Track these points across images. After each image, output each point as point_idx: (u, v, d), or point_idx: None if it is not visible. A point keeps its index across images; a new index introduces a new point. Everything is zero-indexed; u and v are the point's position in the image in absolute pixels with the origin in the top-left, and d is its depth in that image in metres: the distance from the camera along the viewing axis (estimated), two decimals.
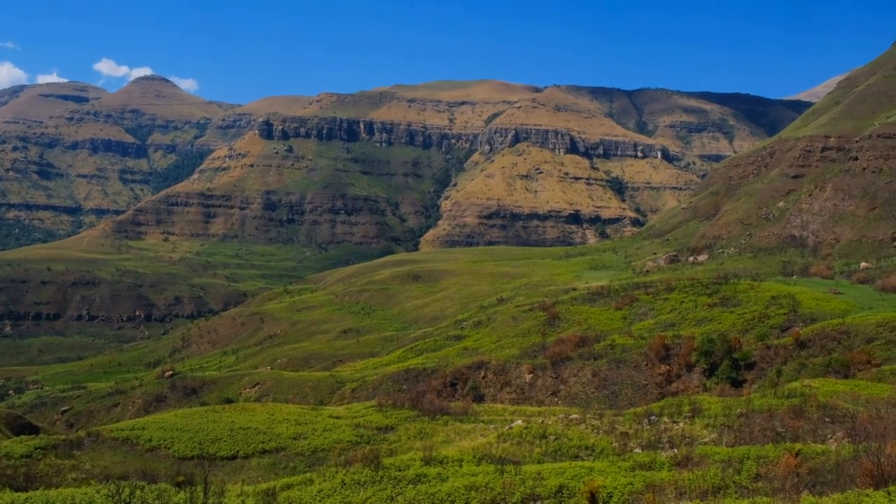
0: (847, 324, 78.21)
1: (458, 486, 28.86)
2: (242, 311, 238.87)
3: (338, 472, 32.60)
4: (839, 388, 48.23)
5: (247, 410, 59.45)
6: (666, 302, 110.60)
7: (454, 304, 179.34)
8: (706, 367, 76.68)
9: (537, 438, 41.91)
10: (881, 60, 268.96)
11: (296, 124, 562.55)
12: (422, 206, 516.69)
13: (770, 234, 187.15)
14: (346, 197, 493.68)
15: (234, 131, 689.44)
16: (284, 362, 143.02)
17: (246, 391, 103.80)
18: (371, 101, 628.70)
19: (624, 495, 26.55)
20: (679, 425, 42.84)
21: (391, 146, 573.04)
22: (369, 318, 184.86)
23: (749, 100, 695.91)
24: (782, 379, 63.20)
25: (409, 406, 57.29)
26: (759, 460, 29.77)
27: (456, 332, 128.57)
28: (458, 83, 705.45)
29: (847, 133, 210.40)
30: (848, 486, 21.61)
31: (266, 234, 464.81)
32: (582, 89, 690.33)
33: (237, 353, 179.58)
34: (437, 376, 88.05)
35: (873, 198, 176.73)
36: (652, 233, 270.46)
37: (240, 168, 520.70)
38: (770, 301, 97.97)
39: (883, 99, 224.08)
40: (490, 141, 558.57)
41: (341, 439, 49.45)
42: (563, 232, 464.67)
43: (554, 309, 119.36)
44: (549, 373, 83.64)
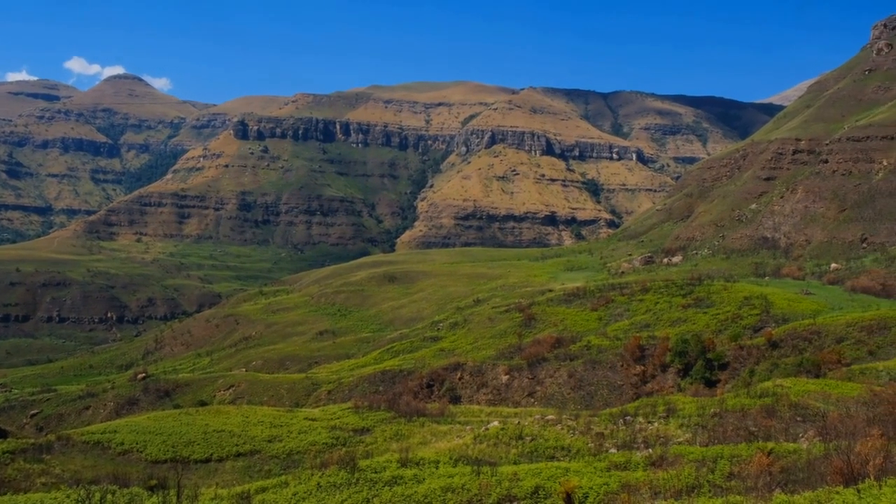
0: (818, 324, 79.41)
1: (435, 487, 28.79)
2: (217, 312, 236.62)
3: (313, 475, 32.36)
4: (810, 388, 48.89)
5: (221, 413, 58.88)
6: (641, 303, 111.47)
7: (431, 305, 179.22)
8: (680, 368, 77.39)
9: (513, 439, 41.96)
10: (850, 65, 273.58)
11: (271, 124, 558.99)
12: (398, 208, 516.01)
13: (743, 236, 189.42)
14: (322, 198, 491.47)
15: (208, 131, 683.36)
16: (259, 364, 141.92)
17: (220, 393, 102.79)
18: (347, 101, 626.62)
19: (599, 495, 26.64)
20: (654, 425, 43.14)
21: (367, 147, 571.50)
22: (345, 320, 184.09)
23: (722, 103, 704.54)
24: (755, 379, 63.93)
25: (386, 408, 57.11)
26: (732, 459, 30.05)
27: (432, 334, 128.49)
28: (434, 84, 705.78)
29: (817, 136, 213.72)
30: (819, 484, 21.87)
31: (241, 235, 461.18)
32: (558, 91, 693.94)
33: (211, 355, 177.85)
34: (413, 378, 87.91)
35: (843, 200, 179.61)
36: (627, 234, 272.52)
37: (214, 168, 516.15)
38: (743, 302, 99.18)
39: (852, 102, 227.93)
40: (466, 142, 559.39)
41: (317, 441, 49.15)
42: (540, 233, 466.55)
43: (530, 310, 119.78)
44: (525, 374, 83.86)
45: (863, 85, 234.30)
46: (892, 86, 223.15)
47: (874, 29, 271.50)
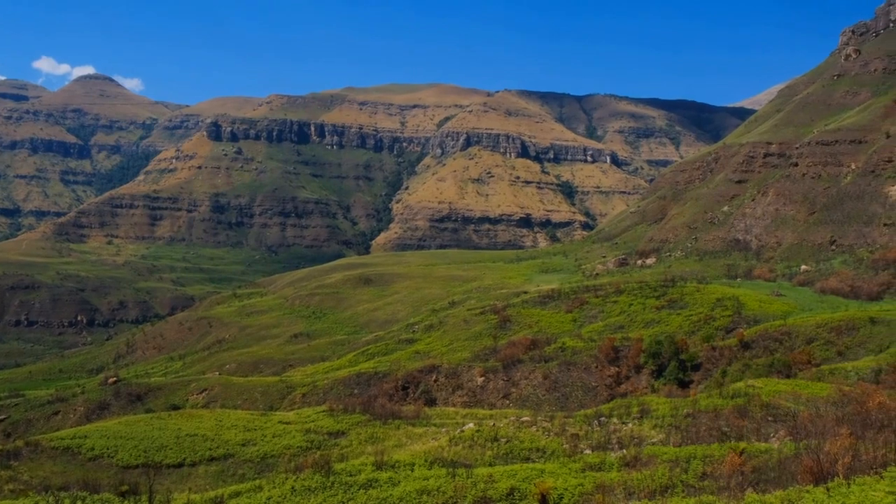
0: (788, 325, 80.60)
1: (410, 490, 28.72)
2: (190, 315, 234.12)
3: (288, 479, 32.12)
4: (781, 388, 49.55)
5: (194, 417, 58.23)
6: (615, 304, 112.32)
7: (406, 307, 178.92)
8: (654, 369, 78.08)
9: (489, 441, 42.00)
10: (820, 70, 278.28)
11: (245, 126, 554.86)
12: (373, 210, 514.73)
13: (715, 238, 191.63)
14: (297, 200, 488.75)
15: (181, 132, 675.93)
16: (233, 367, 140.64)
17: (193, 397, 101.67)
18: (322, 103, 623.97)
19: (574, 496, 26.75)
20: (628, 426, 43.43)
21: (342, 149, 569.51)
22: (320, 322, 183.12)
23: (694, 106, 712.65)
24: (727, 379, 64.66)
25: (361, 410, 56.86)
26: (705, 459, 30.34)
27: (408, 336, 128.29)
28: (409, 86, 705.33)
29: (788, 140, 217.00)
30: (790, 483, 22.13)
31: (214, 238, 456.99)
32: (533, 94, 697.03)
33: (184, 359, 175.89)
34: (388, 380, 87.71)
35: (813, 203, 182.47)
36: (601, 236, 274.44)
37: (187, 170, 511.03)
38: (715, 303, 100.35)
39: (821, 107, 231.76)
40: (442, 144, 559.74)
41: (291, 445, 48.80)
42: (515, 235, 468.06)
43: (505, 312, 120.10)
44: (500, 376, 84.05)
45: (831, 90, 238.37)
46: (860, 91, 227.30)
47: (842, 35, 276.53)
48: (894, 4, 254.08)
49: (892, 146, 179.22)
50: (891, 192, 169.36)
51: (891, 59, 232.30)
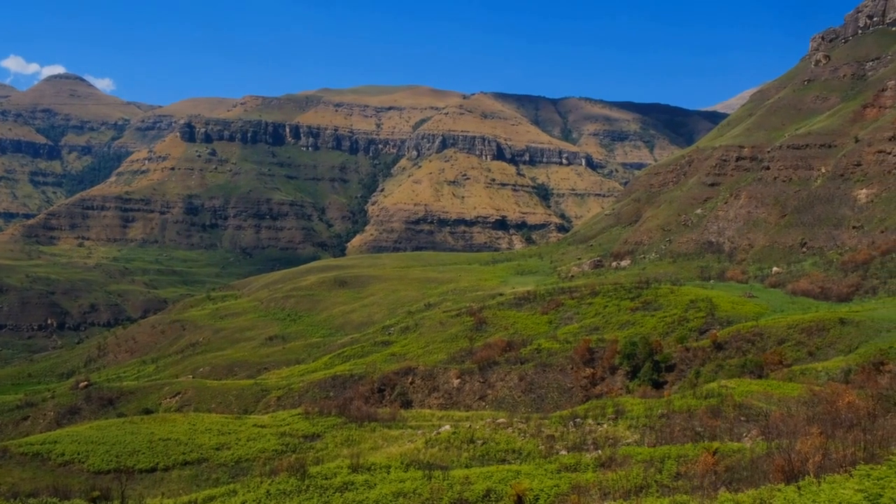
0: (760, 326, 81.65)
1: (386, 492, 28.65)
2: (163, 318, 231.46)
3: (262, 483, 31.89)
4: (754, 388, 50.16)
5: (167, 421, 57.56)
6: (590, 306, 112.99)
7: (382, 309, 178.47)
8: (629, 370, 78.65)
9: (465, 443, 42.02)
10: (791, 74, 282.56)
11: (219, 127, 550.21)
12: (349, 212, 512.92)
13: (689, 240, 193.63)
14: (272, 202, 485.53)
15: (154, 133, 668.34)
16: (207, 371, 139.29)
17: (166, 401, 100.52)
18: (297, 104, 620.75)
19: (550, 497, 26.85)
20: (603, 427, 43.68)
21: (318, 151, 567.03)
22: (295, 325, 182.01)
23: (668, 110, 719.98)
24: (701, 380, 65.34)
25: (336, 413, 56.59)
26: (679, 459, 30.61)
27: (383, 338, 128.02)
28: (385, 88, 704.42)
29: (760, 143, 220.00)
30: (762, 482, 22.39)
31: (188, 240, 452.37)
32: (508, 97, 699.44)
33: (157, 362, 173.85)
34: (364, 382, 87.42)
35: (784, 206, 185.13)
36: (576, 238, 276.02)
37: (160, 171, 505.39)
38: (689, 305, 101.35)
39: (792, 111, 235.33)
40: (417, 147, 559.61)
41: (266, 448, 48.43)
42: (490, 237, 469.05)
43: (481, 314, 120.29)
44: (476, 377, 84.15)
45: (802, 95, 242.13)
46: (830, 96, 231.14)
47: (812, 41, 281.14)
48: (862, 12, 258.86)
49: (860, 150, 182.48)
50: (859, 196, 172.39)
51: (859, 65, 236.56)
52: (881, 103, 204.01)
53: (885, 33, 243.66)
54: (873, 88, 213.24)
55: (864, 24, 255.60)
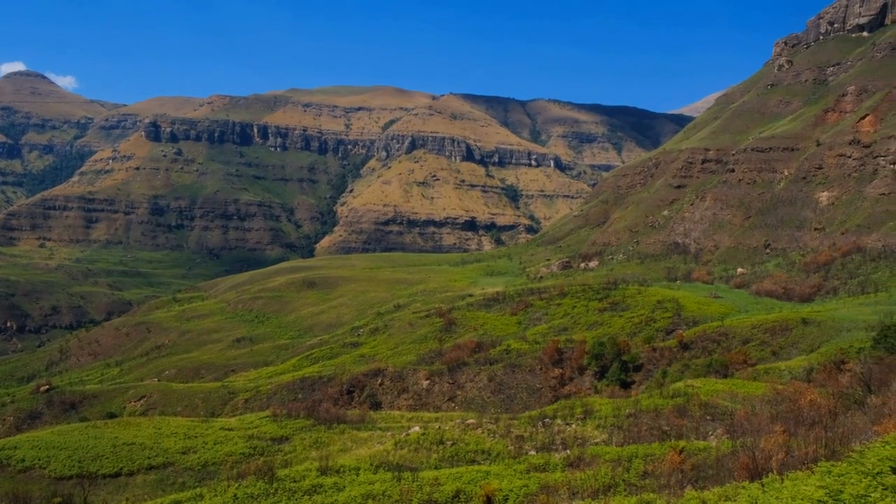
0: (725, 326, 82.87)
1: (355, 495, 28.51)
2: (127, 320, 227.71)
3: (230, 486, 31.53)
4: (719, 388, 50.86)
5: (131, 425, 56.62)
6: (559, 307, 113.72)
7: (351, 310, 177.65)
8: (597, 370, 79.29)
9: (434, 444, 41.99)
10: (755, 79, 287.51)
11: (185, 126, 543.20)
12: (318, 213, 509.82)
13: (656, 241, 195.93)
14: (239, 202, 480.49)
15: (118, 132, 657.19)
16: (173, 373, 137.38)
17: (131, 405, 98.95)
18: (265, 104, 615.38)
19: (519, 497, 26.94)
20: (572, 427, 43.95)
21: (286, 151, 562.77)
22: (263, 327, 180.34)
23: (635, 113, 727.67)
24: (667, 379, 66.09)
25: (305, 415, 56.19)
26: (646, 458, 30.92)
27: (352, 340, 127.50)
28: (354, 89, 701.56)
29: (725, 146, 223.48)
30: (727, 480, 22.69)
31: (153, 241, 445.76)
32: (478, 98, 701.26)
33: (121, 365, 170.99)
34: (333, 384, 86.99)
35: (748, 208, 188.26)
36: (545, 240, 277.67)
37: (125, 171, 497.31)
38: (656, 305, 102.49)
39: (756, 115, 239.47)
40: (387, 147, 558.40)
41: (233, 452, 47.89)
42: (460, 238, 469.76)
43: (450, 315, 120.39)
44: (445, 378, 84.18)
45: (766, 99, 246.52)
46: (792, 100, 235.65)
47: (776, 46, 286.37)
48: (824, 18, 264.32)
49: (822, 154, 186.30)
50: (821, 198, 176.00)
51: (821, 70, 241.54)
52: (842, 108, 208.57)
53: (845, 39, 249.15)
54: (834, 93, 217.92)
55: (826, 31, 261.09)
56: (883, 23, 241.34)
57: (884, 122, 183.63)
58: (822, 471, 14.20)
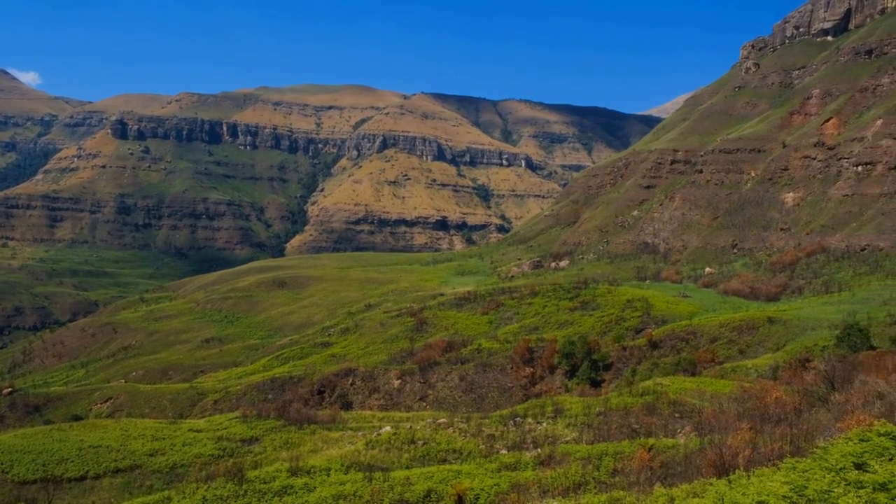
0: (694, 325, 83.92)
1: (326, 495, 28.37)
2: (93, 321, 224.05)
3: (198, 489, 31.17)
4: (687, 386, 51.49)
5: (97, 427, 55.68)
6: (530, 306, 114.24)
7: (321, 310, 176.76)
8: (568, 369, 79.79)
9: (406, 444, 41.94)
10: (723, 81, 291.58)
11: (153, 124, 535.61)
12: (288, 212, 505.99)
13: (625, 241, 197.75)
14: (208, 201, 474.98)
15: (83, 130, 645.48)
16: (140, 375, 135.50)
17: (97, 407, 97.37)
18: (235, 102, 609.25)
19: (490, 496, 27.01)
20: (543, 425, 44.18)
21: (256, 150, 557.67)
22: (233, 327, 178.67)
23: (606, 113, 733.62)
24: (637, 378, 66.70)
25: (275, 416, 55.74)
26: (616, 456, 31.19)
27: (323, 339, 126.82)
28: (325, 87, 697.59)
29: (693, 147, 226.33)
30: (695, 477, 22.96)
31: (120, 240, 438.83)
32: (449, 98, 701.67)
33: (87, 367, 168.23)
34: (303, 384, 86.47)
35: (716, 208, 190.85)
36: (516, 239, 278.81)
37: (90, 169, 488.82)
38: (626, 304, 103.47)
39: (724, 117, 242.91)
40: (358, 146, 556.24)
41: (202, 453, 47.34)
42: (431, 238, 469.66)
43: (421, 314, 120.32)
44: (417, 378, 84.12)
45: (733, 101, 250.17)
46: (759, 102, 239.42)
47: (743, 49, 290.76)
48: (789, 22, 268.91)
49: (787, 155, 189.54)
50: (787, 199, 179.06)
51: (786, 73, 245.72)
52: (807, 110, 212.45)
53: (810, 43, 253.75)
54: (800, 96, 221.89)
55: (792, 35, 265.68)
56: (847, 28, 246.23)
57: (847, 124, 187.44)
58: (787, 467, 14.45)
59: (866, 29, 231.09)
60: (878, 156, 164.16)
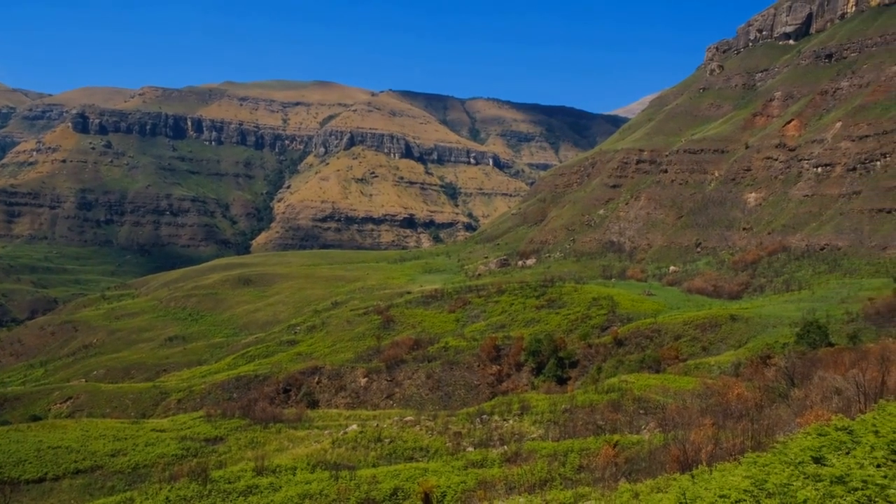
0: (658, 323, 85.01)
1: (292, 494, 28.18)
2: (52, 319, 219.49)
3: (161, 489, 30.75)
4: (652, 382, 52.15)
5: (57, 428, 54.58)
6: (497, 304, 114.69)
7: (287, 308, 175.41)
8: (534, 366, 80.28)
9: (372, 442, 41.84)
10: (687, 82, 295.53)
11: (115, 118, 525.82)
12: (254, 209, 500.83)
13: (592, 240, 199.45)
14: (172, 197, 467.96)
15: (43, 123, 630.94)
16: (102, 374, 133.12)
17: (56, 407, 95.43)
18: (199, 97, 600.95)
19: (457, 493, 27.07)
20: (509, 423, 44.39)
21: (221, 145, 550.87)
22: (197, 325, 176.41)
23: (573, 113, 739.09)
24: (602, 375, 67.39)
25: (240, 415, 55.20)
26: (581, 453, 31.47)
27: (289, 337, 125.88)
28: (292, 83, 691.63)
29: (658, 147, 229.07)
30: (659, 472, 23.25)
31: (81, 236, 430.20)
32: (417, 95, 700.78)
33: (46, 366, 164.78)
34: (269, 383, 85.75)
35: (680, 207, 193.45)
36: (484, 237, 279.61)
37: (50, 163, 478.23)
38: (592, 302, 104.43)
39: (688, 118, 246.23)
40: (325, 143, 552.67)
41: (165, 454, 46.69)
42: (398, 236, 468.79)
43: (388, 312, 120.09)
44: (383, 376, 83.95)
45: (698, 102, 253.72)
46: (723, 104, 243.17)
47: (708, 51, 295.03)
48: (753, 25, 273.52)
49: (750, 156, 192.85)
50: (749, 199, 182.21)
51: (750, 75, 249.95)
52: (769, 112, 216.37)
53: (772, 47, 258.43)
54: (762, 98, 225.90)
55: (755, 37, 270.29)
56: (808, 32, 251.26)
57: (808, 126, 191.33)
58: (748, 462, 14.70)
59: (826, 33, 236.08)
60: (837, 157, 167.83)
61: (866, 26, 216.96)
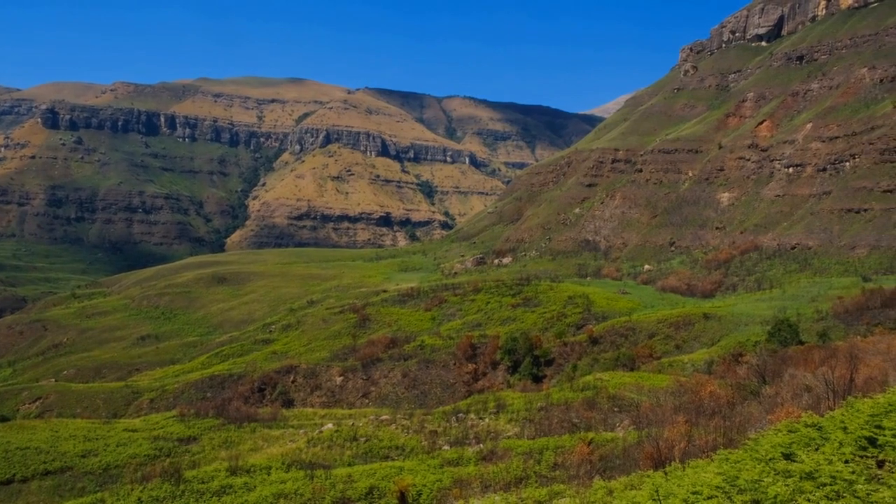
0: (633, 321, 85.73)
1: (266, 494, 28.00)
2: (21, 318, 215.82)
3: (133, 490, 30.39)
4: (626, 380, 52.56)
5: (25, 428, 53.70)
6: (473, 303, 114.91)
7: (262, 306, 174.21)
8: (510, 365, 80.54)
9: (348, 441, 41.70)
10: (662, 83, 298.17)
11: (86, 114, 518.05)
12: (228, 206, 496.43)
13: (567, 239, 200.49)
14: (145, 194, 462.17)
15: (11, 118, 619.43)
16: (72, 373, 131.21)
17: (25, 407, 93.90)
18: (173, 93, 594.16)
19: (433, 492, 27.08)
20: (485, 421, 44.48)
21: (195, 142, 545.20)
22: (170, 324, 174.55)
23: (549, 112, 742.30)
24: (577, 373, 67.78)
25: (214, 414, 54.72)
26: (556, 450, 31.63)
27: (264, 336, 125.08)
28: (267, 80, 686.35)
29: (633, 147, 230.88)
30: (633, 469, 23.46)
31: (50, 234, 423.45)
32: (394, 93, 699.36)
33: (14, 366, 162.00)
34: (244, 382, 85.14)
35: (655, 207, 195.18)
36: (460, 236, 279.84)
37: (18, 159, 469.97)
38: (567, 301, 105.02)
39: (663, 118, 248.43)
40: (301, 141, 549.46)
41: (138, 454, 46.14)
42: (374, 234, 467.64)
43: (364, 311, 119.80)
44: (359, 375, 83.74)
45: (672, 102, 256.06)
46: (697, 104, 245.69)
47: (682, 52, 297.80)
48: (726, 27, 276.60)
49: (723, 156, 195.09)
50: (722, 199, 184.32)
51: (723, 76, 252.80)
52: (742, 113, 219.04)
53: (745, 48, 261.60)
54: (735, 99, 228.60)
55: (728, 39, 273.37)
56: (780, 34, 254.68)
57: (779, 127, 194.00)
58: (720, 458, 14.88)
59: (798, 35, 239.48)
60: (808, 158, 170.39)
61: (836, 29, 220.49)
